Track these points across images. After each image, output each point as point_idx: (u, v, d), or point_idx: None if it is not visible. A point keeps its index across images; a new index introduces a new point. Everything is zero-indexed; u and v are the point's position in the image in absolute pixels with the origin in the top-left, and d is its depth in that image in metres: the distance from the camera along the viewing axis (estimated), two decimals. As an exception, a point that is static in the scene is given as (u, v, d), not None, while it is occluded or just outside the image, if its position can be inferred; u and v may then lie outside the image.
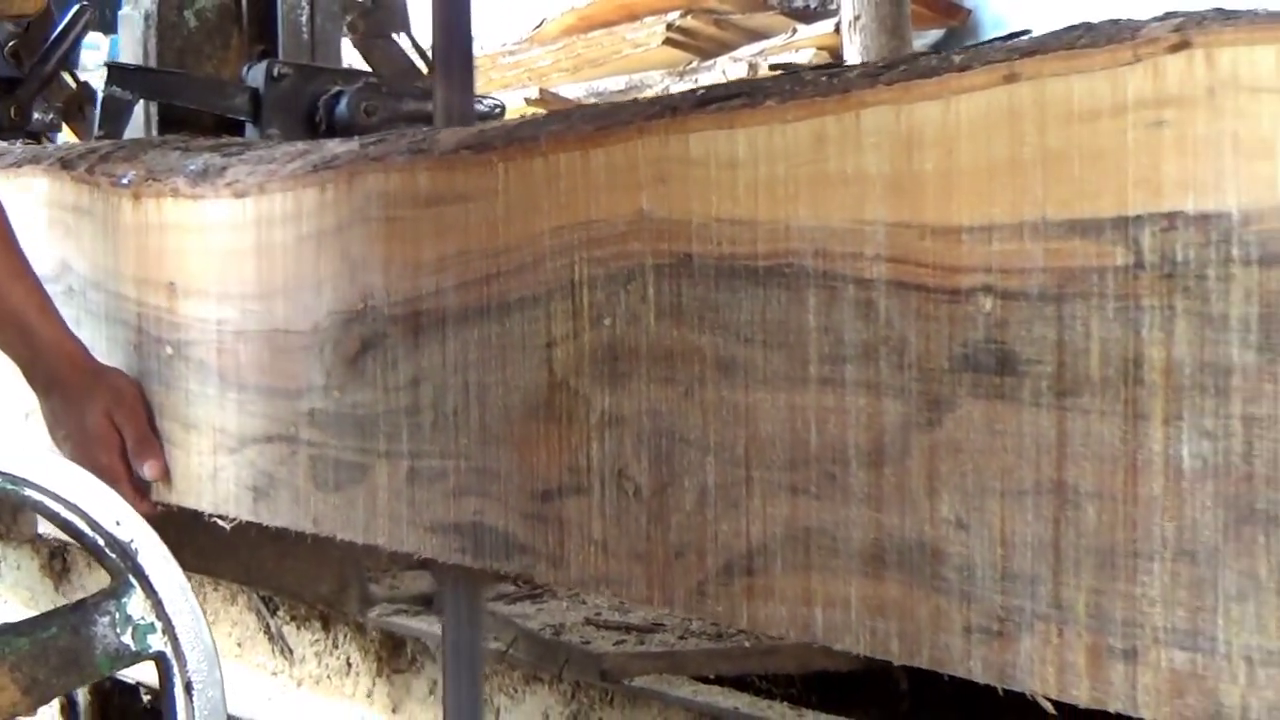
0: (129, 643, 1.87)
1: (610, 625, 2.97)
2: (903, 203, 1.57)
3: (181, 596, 1.89)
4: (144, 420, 2.54)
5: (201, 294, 2.52)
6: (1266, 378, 1.32)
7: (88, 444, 2.51)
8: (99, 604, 1.89)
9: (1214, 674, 1.37)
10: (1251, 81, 1.32)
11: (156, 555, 1.89)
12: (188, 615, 1.88)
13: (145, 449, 2.53)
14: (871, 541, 1.62)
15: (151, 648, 1.88)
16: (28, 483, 1.84)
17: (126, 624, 1.87)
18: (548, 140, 1.93)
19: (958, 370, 1.53)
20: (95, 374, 2.55)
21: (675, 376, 1.80)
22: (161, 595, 1.87)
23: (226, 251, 2.46)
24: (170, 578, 1.88)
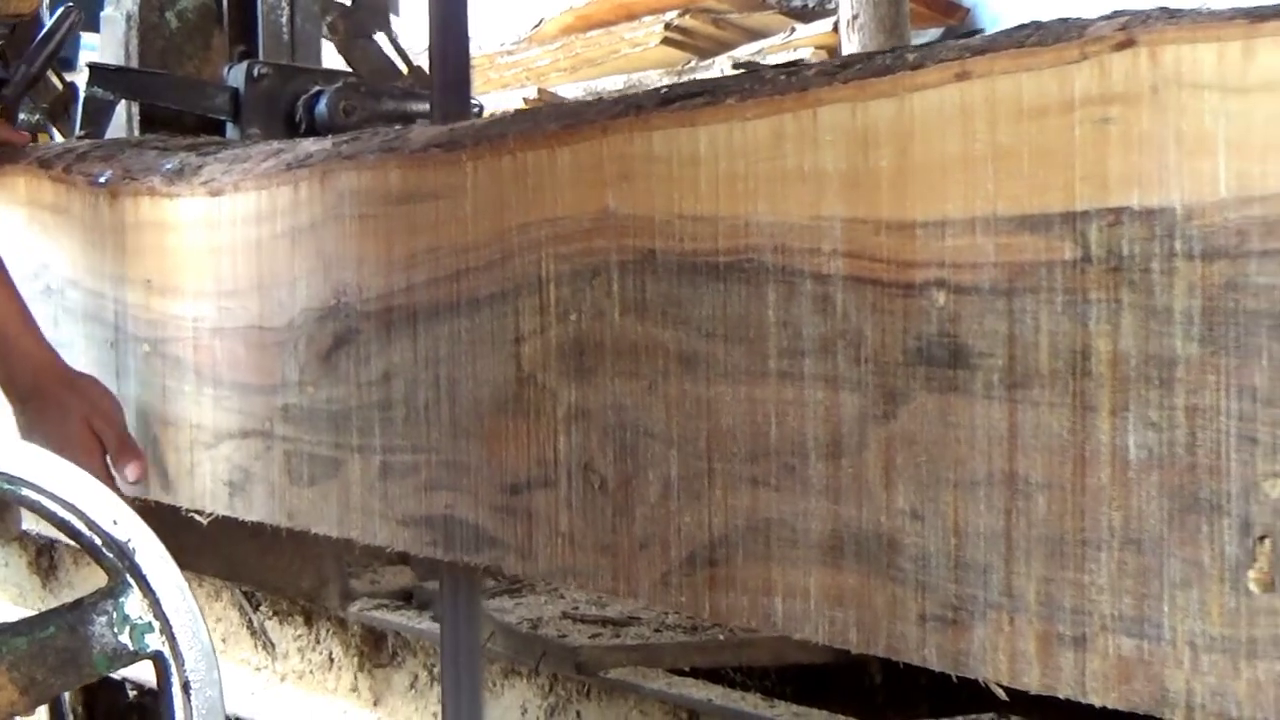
0: (127, 642, 1.86)
1: (587, 619, 2.99)
2: (859, 198, 1.59)
3: (179, 596, 1.88)
4: (122, 425, 2.56)
5: (178, 291, 2.54)
6: (1209, 369, 1.34)
7: (70, 451, 2.41)
8: (96, 603, 1.87)
9: (1159, 660, 1.39)
10: (1194, 79, 1.34)
11: (154, 555, 1.88)
12: (185, 615, 1.88)
13: (126, 453, 2.54)
14: (830, 532, 1.64)
15: (149, 647, 1.87)
16: (24, 482, 1.84)
17: (124, 623, 1.86)
18: (515, 139, 1.95)
19: (912, 363, 1.55)
20: (71, 382, 2.57)
21: (639, 371, 1.82)
22: (159, 595, 1.86)
23: (202, 249, 2.48)
24: (168, 577, 1.87)
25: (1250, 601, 1.33)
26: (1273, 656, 1.32)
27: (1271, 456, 1.31)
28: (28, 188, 2.86)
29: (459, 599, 2.37)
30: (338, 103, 3.10)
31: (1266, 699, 1.33)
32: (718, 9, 10.80)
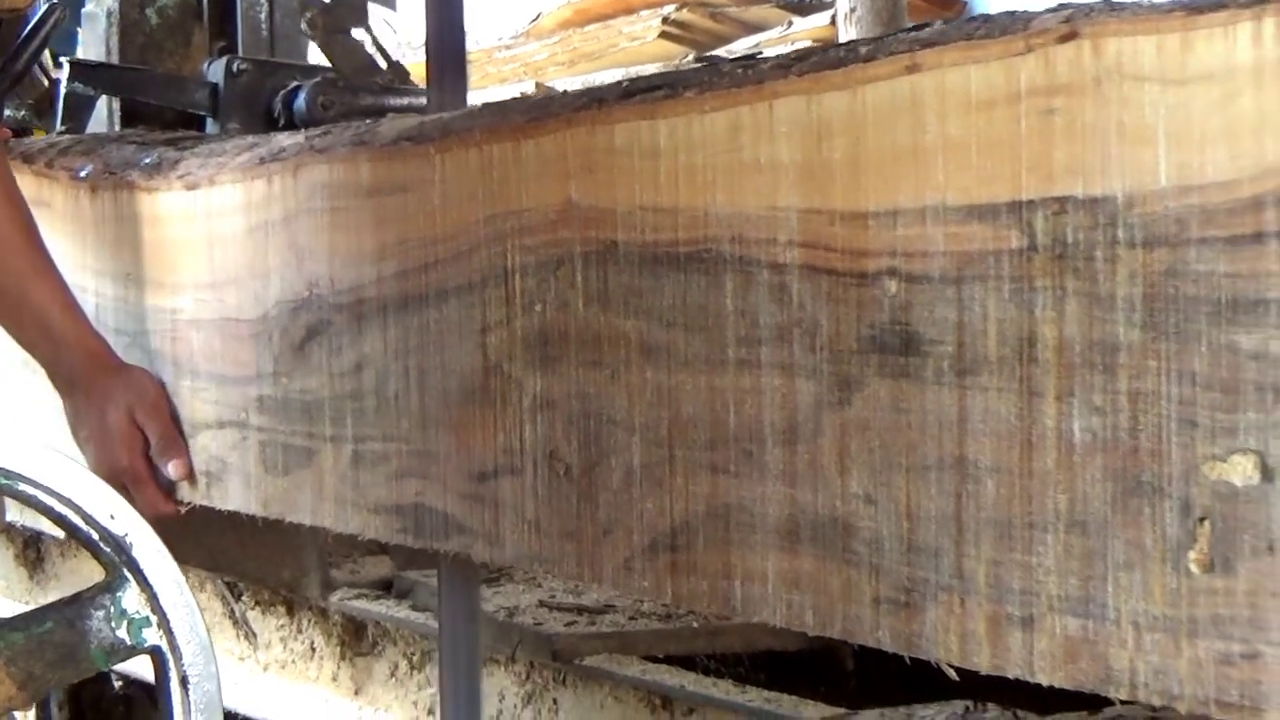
0: (124, 637, 1.86)
1: (563, 607, 3.00)
2: (813, 189, 1.61)
3: (177, 590, 1.88)
4: (167, 418, 2.49)
5: (156, 284, 2.56)
6: (1150, 355, 1.37)
7: (110, 444, 2.47)
8: (94, 598, 1.87)
9: (1104, 639, 1.41)
10: (1135, 71, 1.36)
11: (151, 549, 1.88)
12: (183, 609, 1.88)
13: (169, 447, 2.48)
14: (787, 517, 1.66)
15: (147, 642, 1.87)
16: (21, 477, 1.83)
17: (122, 618, 1.86)
18: (481, 132, 1.97)
19: (865, 351, 1.57)
20: (117, 372, 2.51)
21: (602, 360, 1.84)
22: (156, 589, 1.87)
23: (179, 242, 2.50)
24: (165, 572, 1.88)
25: (1191, 582, 1.35)
26: (1212, 636, 1.34)
27: (1210, 440, 1.33)
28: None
29: (456, 594, 2.38)
30: (316, 98, 3.12)
31: (1207, 677, 1.35)
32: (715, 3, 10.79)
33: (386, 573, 3.46)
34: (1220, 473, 1.33)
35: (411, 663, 3.33)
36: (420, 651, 3.30)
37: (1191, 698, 1.36)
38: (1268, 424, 1.30)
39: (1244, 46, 1.30)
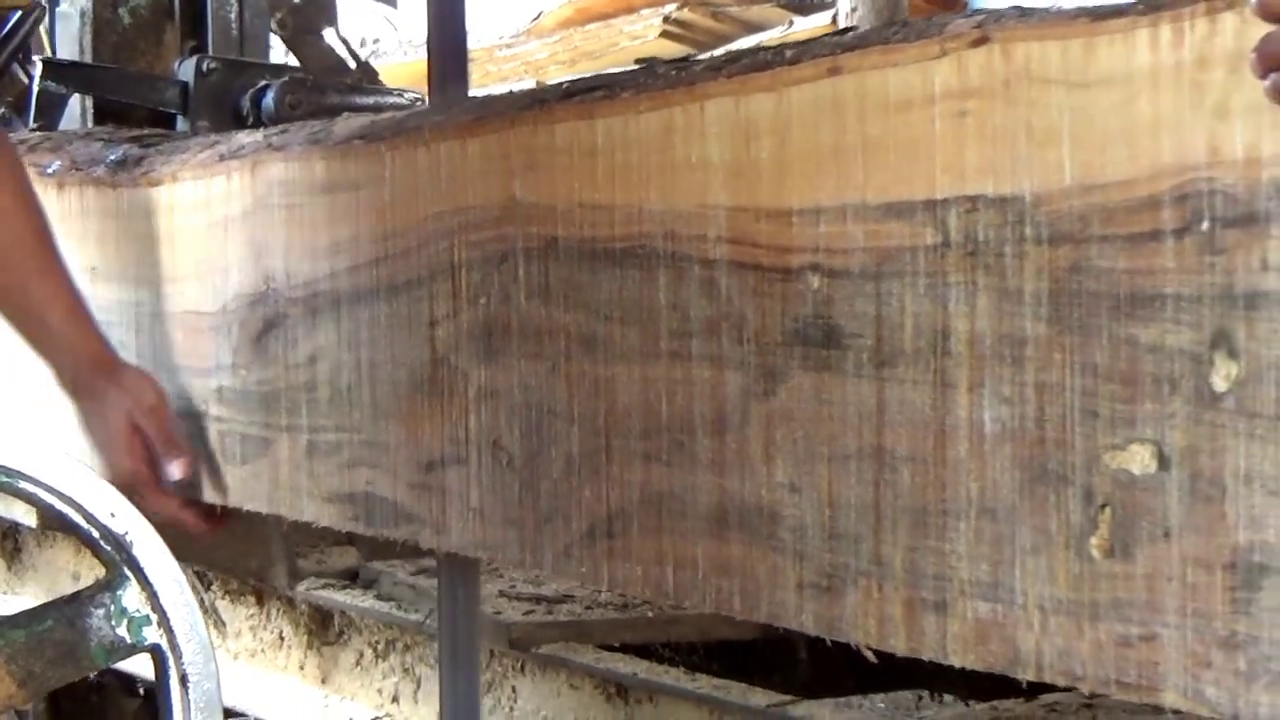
0: (124, 635, 1.85)
1: (522, 597, 3.04)
2: (741, 188, 1.65)
3: (177, 589, 1.87)
4: (167, 421, 2.45)
5: (121, 278, 2.60)
6: (1056, 348, 1.41)
7: (112, 448, 2.44)
8: (94, 596, 1.86)
9: (1012, 622, 1.45)
10: (1042, 74, 1.40)
11: (152, 548, 1.87)
12: (183, 608, 1.87)
13: (170, 449, 2.43)
14: (716, 505, 1.70)
15: (147, 640, 1.86)
16: (22, 475, 1.82)
17: (122, 616, 1.84)
18: (430, 131, 2.01)
19: (790, 344, 1.61)
20: (115, 375, 2.46)
21: (543, 352, 1.88)
22: (157, 588, 1.86)
23: (142, 237, 2.53)
24: (166, 570, 1.87)
25: (1093, 567, 1.39)
26: (1113, 618, 1.38)
27: (1111, 430, 1.37)
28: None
29: (456, 594, 2.37)
30: (283, 97, 3.15)
31: (1107, 658, 1.39)
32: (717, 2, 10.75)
33: (353, 563, 3.50)
34: (1120, 461, 1.37)
35: (376, 651, 3.37)
36: (384, 641, 3.34)
37: (1093, 678, 1.40)
38: (1164, 415, 1.34)
39: (1142, 52, 1.34)
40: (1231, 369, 1.30)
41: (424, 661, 3.24)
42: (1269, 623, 1.28)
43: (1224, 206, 1.30)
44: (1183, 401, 1.33)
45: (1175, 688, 1.35)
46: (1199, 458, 1.32)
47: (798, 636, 3.03)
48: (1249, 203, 1.28)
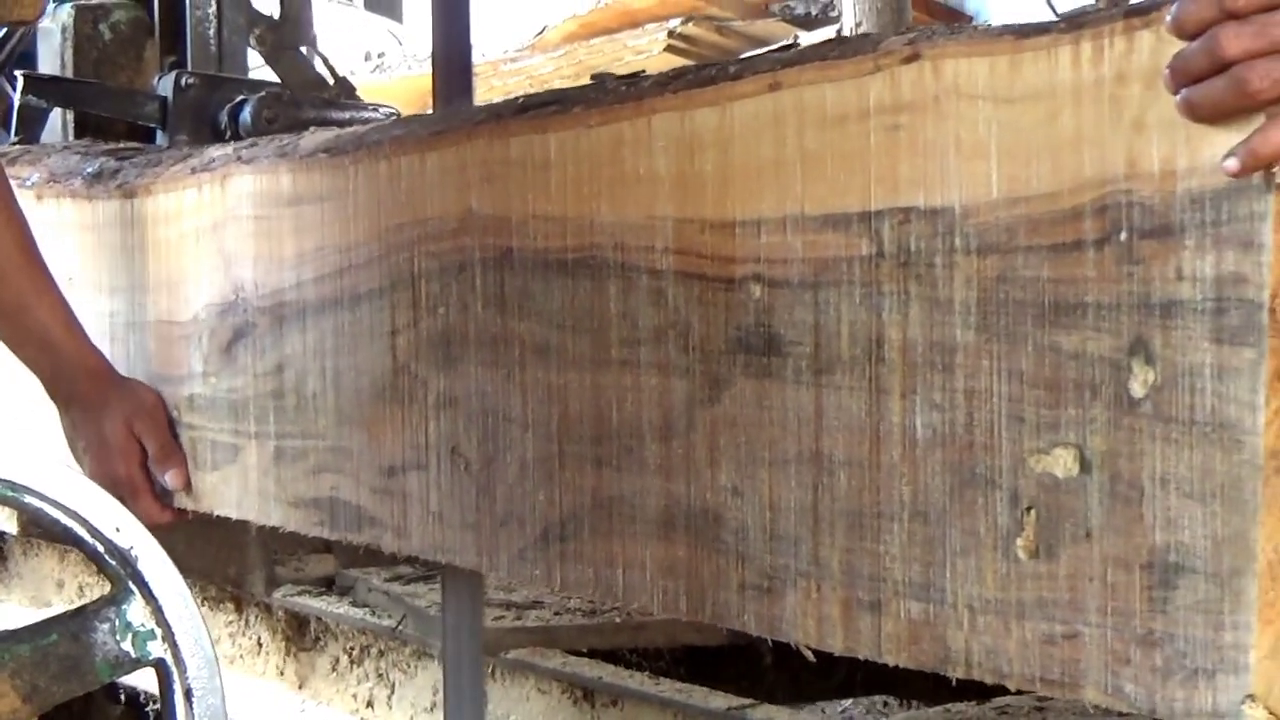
0: (129, 649, 1.84)
1: (493, 602, 3.07)
2: (687, 200, 1.68)
3: (181, 603, 1.87)
4: (165, 429, 2.47)
5: (96, 287, 2.63)
6: (984, 355, 1.44)
7: (107, 456, 2.45)
8: (99, 611, 1.85)
9: (943, 622, 1.48)
10: (970, 90, 1.44)
11: (156, 562, 1.86)
12: (188, 622, 1.87)
13: (167, 458, 2.45)
14: (663, 508, 1.73)
15: (151, 654, 1.85)
16: (27, 489, 1.81)
17: (127, 630, 1.83)
18: (391, 144, 2.04)
19: (733, 351, 1.65)
20: (115, 385, 2.48)
21: (499, 360, 1.91)
22: (161, 602, 1.85)
23: (118, 247, 2.56)
24: (170, 584, 1.86)
25: (1019, 567, 1.42)
26: (1038, 618, 1.41)
27: (1035, 434, 1.41)
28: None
29: (459, 604, 2.37)
30: (260, 111, 3.17)
31: (1033, 656, 1.42)
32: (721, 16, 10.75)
33: (330, 570, 3.53)
34: (1044, 465, 1.40)
35: (351, 657, 3.40)
36: (359, 646, 3.37)
37: (1019, 675, 1.44)
38: (1085, 419, 1.37)
39: (1065, 68, 1.37)
40: (1149, 375, 1.33)
41: (398, 667, 3.27)
42: (1184, 621, 1.32)
43: (1141, 218, 1.33)
44: (1103, 407, 1.36)
45: (1096, 684, 1.38)
46: (1118, 461, 1.35)
47: (762, 642, 3.07)
48: (1164, 214, 1.31)
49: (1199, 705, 1.31)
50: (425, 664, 3.19)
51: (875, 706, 3.08)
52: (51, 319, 2.44)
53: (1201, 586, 1.30)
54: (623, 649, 3.02)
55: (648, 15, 10.66)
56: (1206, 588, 1.30)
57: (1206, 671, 1.30)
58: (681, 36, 10.41)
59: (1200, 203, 1.29)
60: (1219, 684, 1.30)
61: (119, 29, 3.45)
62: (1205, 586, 1.30)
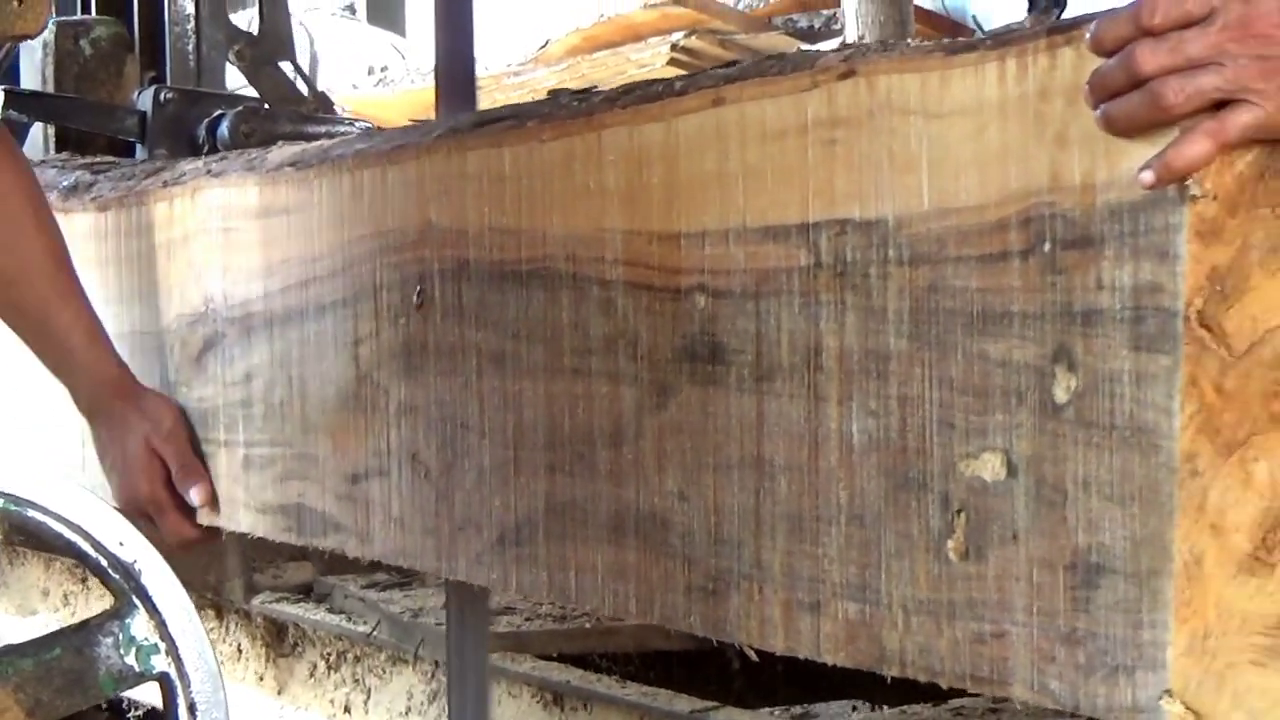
0: (133, 663, 1.83)
1: (465, 609, 3.10)
2: (635, 212, 1.72)
3: (185, 617, 1.86)
4: (185, 445, 2.42)
5: (71, 299, 2.66)
6: (916, 362, 1.47)
7: (131, 473, 2.42)
8: (103, 625, 1.84)
9: (878, 622, 1.52)
10: (902, 105, 1.47)
11: (160, 576, 1.86)
12: (191, 636, 1.86)
13: (189, 474, 2.40)
14: (614, 513, 1.76)
15: (155, 668, 1.84)
16: (31, 504, 1.81)
17: (130, 645, 1.83)
18: (354, 159, 2.08)
19: (679, 360, 1.68)
20: (134, 399, 2.43)
21: (457, 369, 1.94)
22: (165, 616, 1.84)
23: (92, 259, 2.59)
24: (174, 599, 1.86)
25: (949, 569, 1.46)
26: (968, 617, 1.45)
27: (965, 440, 1.44)
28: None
29: (465, 621, 2.35)
30: (237, 125, 3.21)
31: (963, 654, 1.45)
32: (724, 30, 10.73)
33: (307, 577, 3.56)
34: (973, 469, 1.43)
35: (329, 663, 3.43)
36: (336, 652, 3.40)
37: (951, 673, 1.47)
38: (1011, 425, 1.40)
39: (991, 84, 1.41)
40: (1071, 381, 1.36)
41: (373, 672, 3.30)
42: (1105, 620, 1.35)
43: (1063, 229, 1.36)
44: (1028, 412, 1.39)
45: (1023, 681, 1.41)
46: (1043, 465, 1.38)
47: (729, 648, 3.11)
48: (1085, 226, 1.35)
49: (1119, 701, 1.34)
50: (400, 669, 3.22)
51: (844, 712, 3.10)
52: (77, 329, 2.42)
53: (1121, 586, 1.34)
54: (592, 654, 3.05)
55: (651, 29, 10.66)
56: (1126, 587, 1.33)
57: (1126, 668, 1.34)
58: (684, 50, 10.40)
59: (1119, 215, 1.33)
60: (1138, 680, 1.33)
61: (100, 45, 3.49)
62: (1125, 586, 1.33)
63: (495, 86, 10.28)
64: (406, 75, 9.24)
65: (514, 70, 10.33)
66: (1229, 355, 1.31)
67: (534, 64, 10.38)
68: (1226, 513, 1.32)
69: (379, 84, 9.19)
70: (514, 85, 10.53)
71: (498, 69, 9.93)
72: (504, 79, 10.40)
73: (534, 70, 10.46)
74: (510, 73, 10.29)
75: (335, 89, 8.33)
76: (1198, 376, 1.30)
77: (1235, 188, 1.29)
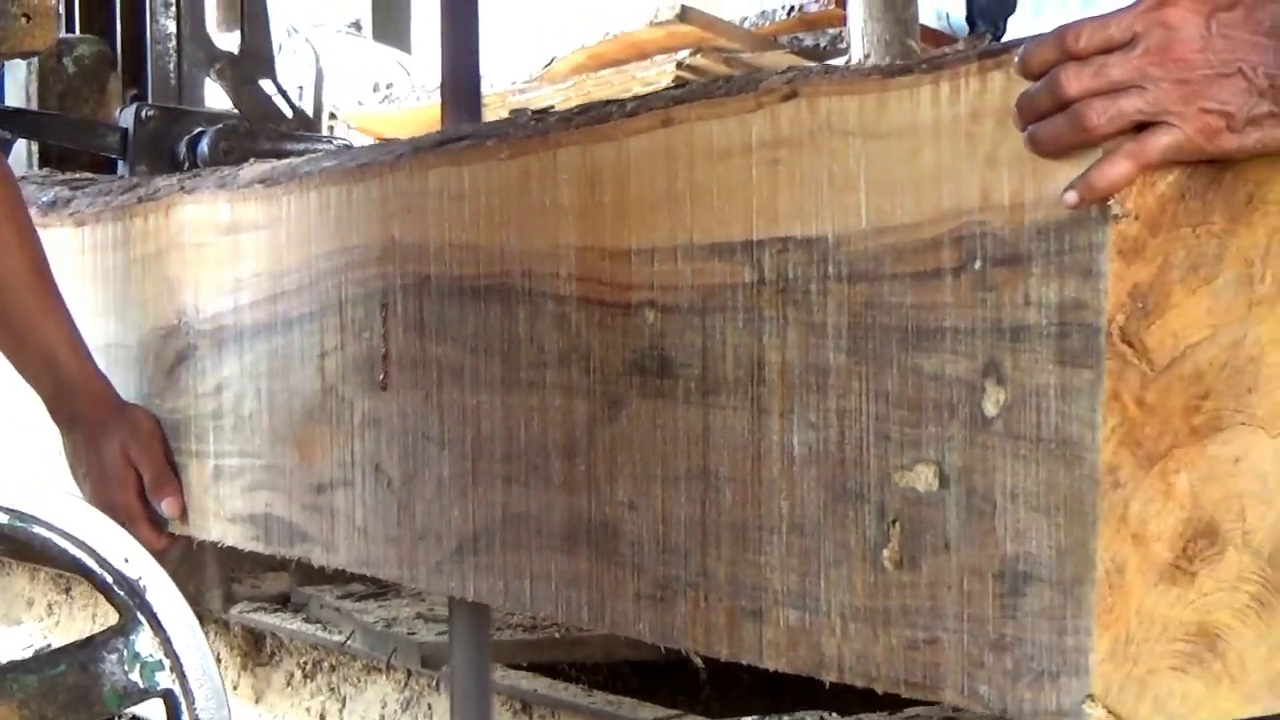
0: (137, 680, 1.80)
1: (438, 619, 3.13)
2: (588, 229, 1.75)
3: (190, 634, 1.84)
4: (160, 456, 2.43)
5: (49, 313, 2.68)
6: (854, 376, 1.50)
7: (105, 482, 2.42)
8: (107, 641, 1.81)
9: (817, 629, 1.55)
10: (842, 126, 1.51)
11: (165, 592, 1.83)
12: (196, 653, 1.84)
13: (163, 485, 2.42)
14: (567, 523, 1.79)
15: (159, 685, 1.81)
16: (35, 520, 1.79)
17: (135, 661, 1.80)
18: (320, 176, 2.11)
19: (630, 373, 1.71)
20: (115, 411, 2.44)
21: (418, 382, 1.97)
22: (170, 633, 1.82)
23: (69, 274, 2.62)
24: (179, 615, 1.83)
25: (885, 577, 1.49)
26: (902, 624, 1.48)
27: (900, 451, 1.47)
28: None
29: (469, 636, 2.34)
30: (217, 143, 3.25)
31: (898, 660, 1.48)
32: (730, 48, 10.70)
33: (284, 588, 3.59)
34: (907, 480, 1.47)
35: (305, 672, 3.46)
36: (312, 661, 3.43)
37: (886, 679, 1.50)
38: (944, 437, 1.44)
39: (925, 106, 1.44)
40: (1000, 395, 1.39)
41: (348, 681, 3.33)
42: (1031, 626, 1.38)
43: (993, 247, 1.40)
44: (960, 425, 1.42)
45: (954, 686, 1.44)
46: (973, 476, 1.42)
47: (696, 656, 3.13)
48: (1014, 244, 1.38)
49: (1045, 705, 1.37)
50: (374, 678, 3.25)
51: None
52: (57, 339, 2.42)
53: (1047, 594, 1.37)
54: (561, 663, 3.08)
55: (656, 47, 10.62)
56: (1051, 595, 1.36)
57: (1051, 673, 1.37)
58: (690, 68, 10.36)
59: (1046, 233, 1.36)
60: (1062, 685, 1.36)
61: (83, 63, 3.52)
62: (1050, 594, 1.36)
63: (501, 104, 10.26)
64: (412, 92, 9.24)
65: (519, 88, 10.32)
66: (1150, 370, 1.34)
67: (539, 82, 10.36)
68: (1148, 523, 1.35)
69: (384, 101, 9.19)
70: (519, 103, 10.53)
71: (503, 86, 9.92)
72: (509, 96, 10.39)
73: (539, 88, 10.45)
74: (516, 90, 10.28)
75: (341, 105, 8.32)
76: (1120, 391, 1.33)
77: (1156, 208, 1.33)
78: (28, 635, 4.25)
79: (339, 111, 8.25)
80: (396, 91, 9.29)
